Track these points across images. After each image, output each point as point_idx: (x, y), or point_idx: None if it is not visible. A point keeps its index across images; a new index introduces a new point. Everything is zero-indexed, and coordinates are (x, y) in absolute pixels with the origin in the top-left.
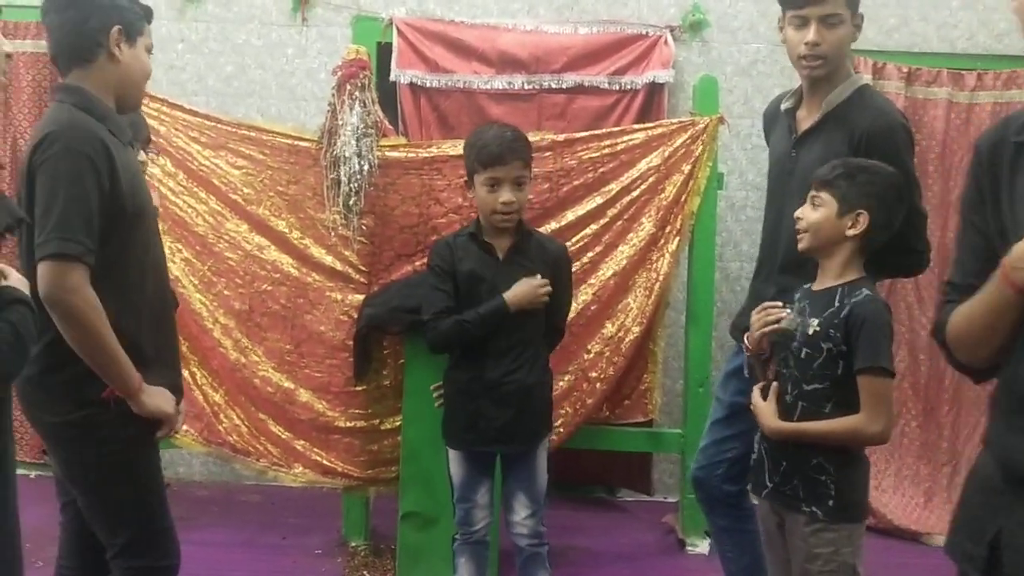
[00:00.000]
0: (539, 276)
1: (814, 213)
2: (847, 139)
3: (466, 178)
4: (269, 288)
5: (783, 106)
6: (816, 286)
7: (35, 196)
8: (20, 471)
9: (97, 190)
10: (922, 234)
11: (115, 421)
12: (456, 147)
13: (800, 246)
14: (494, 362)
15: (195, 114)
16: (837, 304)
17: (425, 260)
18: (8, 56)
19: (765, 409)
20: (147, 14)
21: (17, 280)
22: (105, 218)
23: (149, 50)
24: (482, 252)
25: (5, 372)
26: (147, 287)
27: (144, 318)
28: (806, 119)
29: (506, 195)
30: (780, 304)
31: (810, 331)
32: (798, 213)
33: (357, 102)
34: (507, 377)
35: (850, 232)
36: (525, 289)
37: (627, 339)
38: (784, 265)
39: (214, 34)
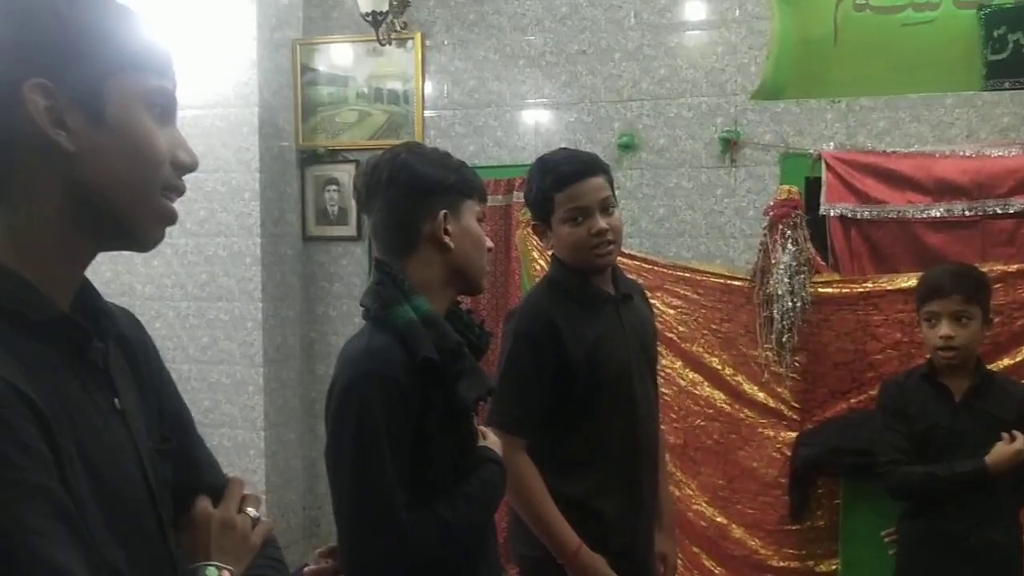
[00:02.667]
0: (1018, 435)
1: None
2: None
3: (915, 315)
4: (703, 423)
5: None
6: None
7: None
8: None
9: (538, 369)
10: None
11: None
12: (894, 281)
13: None
14: (957, 513)
15: (633, 257)
16: None
17: (861, 398)
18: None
19: None
20: (564, 180)
21: (493, 442)
22: (551, 391)
23: (585, 212)
24: (936, 394)
25: (472, 523)
26: (604, 452)
27: (598, 482)
28: None
29: (944, 329)
30: None
31: None
32: None
33: (789, 240)
34: (972, 532)
35: None
36: (1009, 454)
37: None
38: None
39: (647, 180)
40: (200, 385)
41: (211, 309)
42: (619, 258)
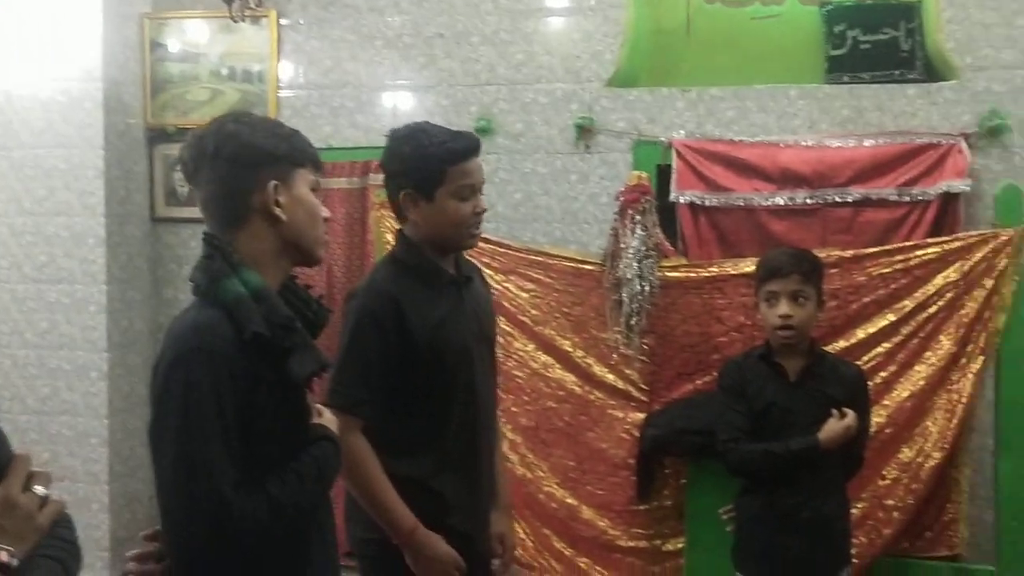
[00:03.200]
0: (848, 412)
1: None
2: None
3: (755, 299)
4: (554, 405)
5: None
6: None
7: None
8: None
9: (379, 348)
10: None
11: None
12: (738, 266)
13: None
14: (789, 489)
15: (487, 241)
16: None
17: (706, 379)
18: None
19: None
20: (448, 159)
21: (329, 420)
22: (393, 371)
23: (463, 192)
24: (773, 373)
25: (304, 501)
26: (444, 432)
27: (438, 462)
28: None
29: (783, 308)
30: None
31: None
32: None
33: (639, 226)
34: (804, 506)
35: None
36: (839, 430)
37: (927, 465)
38: None
39: (504, 164)
40: (39, 371)
41: (51, 292)
42: None
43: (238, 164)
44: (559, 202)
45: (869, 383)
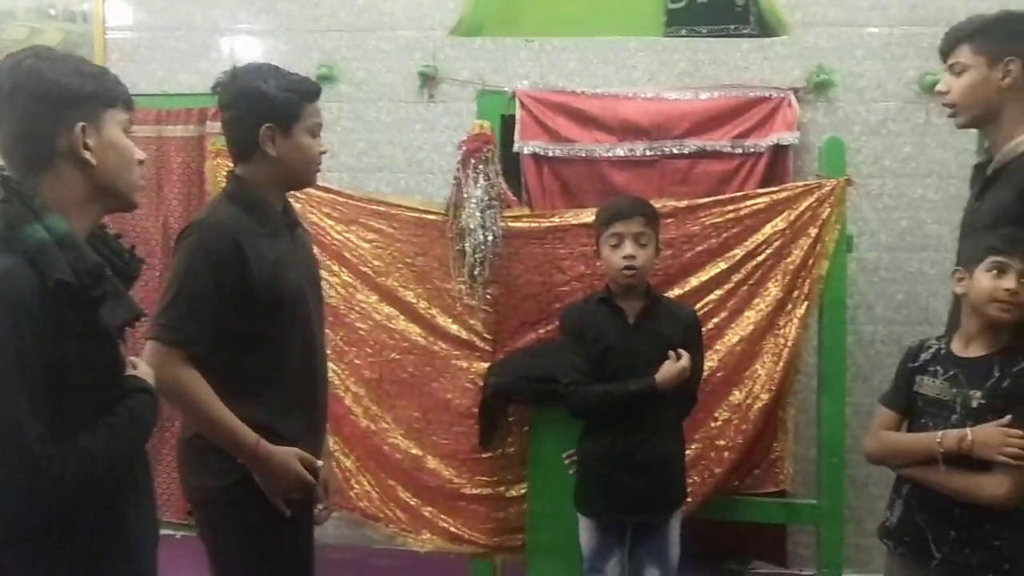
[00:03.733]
0: (683, 354)
1: None
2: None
3: (595, 248)
4: (398, 357)
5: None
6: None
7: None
8: (166, 531)
9: (215, 285)
10: None
11: (251, 500)
12: (579, 216)
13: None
14: (629, 431)
15: (328, 191)
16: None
17: (549, 328)
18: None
19: None
20: (305, 96)
21: (145, 372)
22: (230, 310)
23: (315, 130)
24: (613, 315)
25: (117, 454)
26: (285, 374)
27: (280, 404)
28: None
29: (628, 249)
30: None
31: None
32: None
33: (481, 175)
34: (643, 446)
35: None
36: (675, 372)
37: (755, 406)
38: None
39: (346, 113)
40: None
41: None
42: (314, 191)
43: (40, 103)
44: (404, 151)
45: (703, 329)
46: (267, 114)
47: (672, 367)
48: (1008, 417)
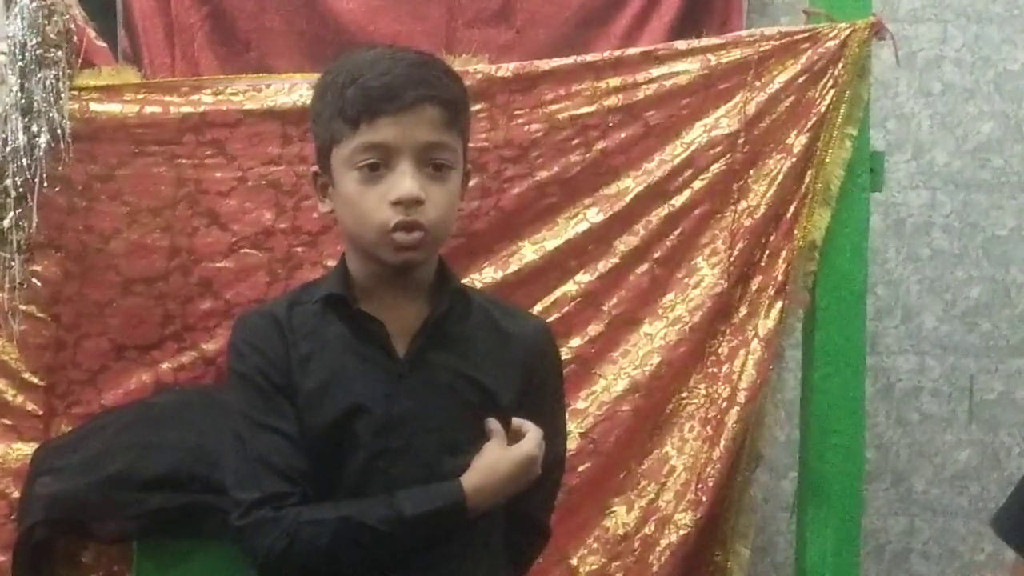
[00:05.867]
0: (522, 424)
1: None
2: None
3: (315, 166)
4: None
5: None
6: None
7: None
8: None
9: None
10: None
11: None
12: (262, 93)
13: None
14: None
15: None
16: None
17: (181, 360)
18: None
19: None
20: None
21: None
22: None
23: None
24: (355, 339)
25: None
26: None
27: None
28: None
29: (407, 183)
30: None
31: None
32: None
33: None
34: None
35: None
36: (511, 463)
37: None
38: None
39: None
40: None
41: None
42: None
43: None
44: None
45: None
46: None
47: (501, 453)
48: None
